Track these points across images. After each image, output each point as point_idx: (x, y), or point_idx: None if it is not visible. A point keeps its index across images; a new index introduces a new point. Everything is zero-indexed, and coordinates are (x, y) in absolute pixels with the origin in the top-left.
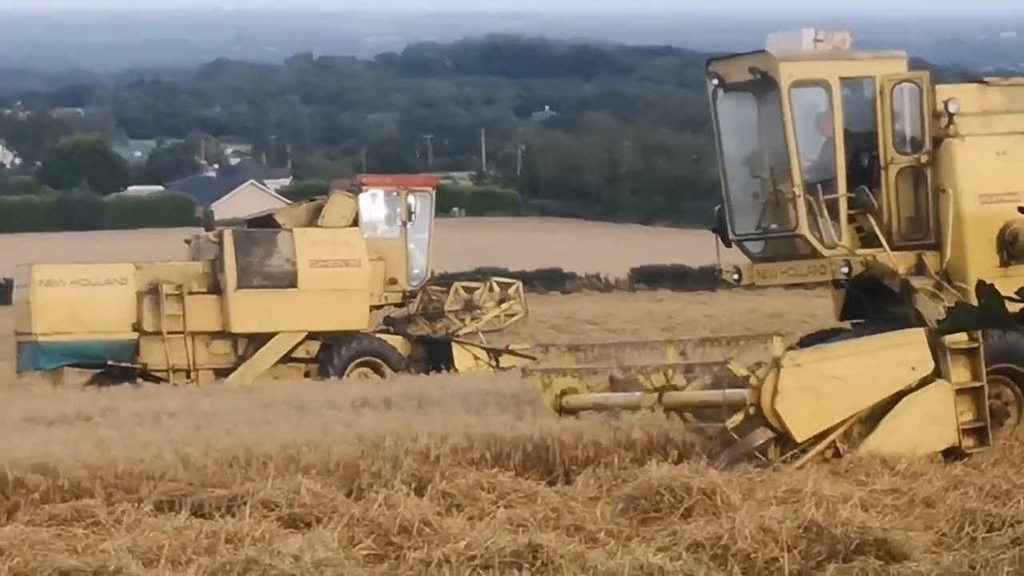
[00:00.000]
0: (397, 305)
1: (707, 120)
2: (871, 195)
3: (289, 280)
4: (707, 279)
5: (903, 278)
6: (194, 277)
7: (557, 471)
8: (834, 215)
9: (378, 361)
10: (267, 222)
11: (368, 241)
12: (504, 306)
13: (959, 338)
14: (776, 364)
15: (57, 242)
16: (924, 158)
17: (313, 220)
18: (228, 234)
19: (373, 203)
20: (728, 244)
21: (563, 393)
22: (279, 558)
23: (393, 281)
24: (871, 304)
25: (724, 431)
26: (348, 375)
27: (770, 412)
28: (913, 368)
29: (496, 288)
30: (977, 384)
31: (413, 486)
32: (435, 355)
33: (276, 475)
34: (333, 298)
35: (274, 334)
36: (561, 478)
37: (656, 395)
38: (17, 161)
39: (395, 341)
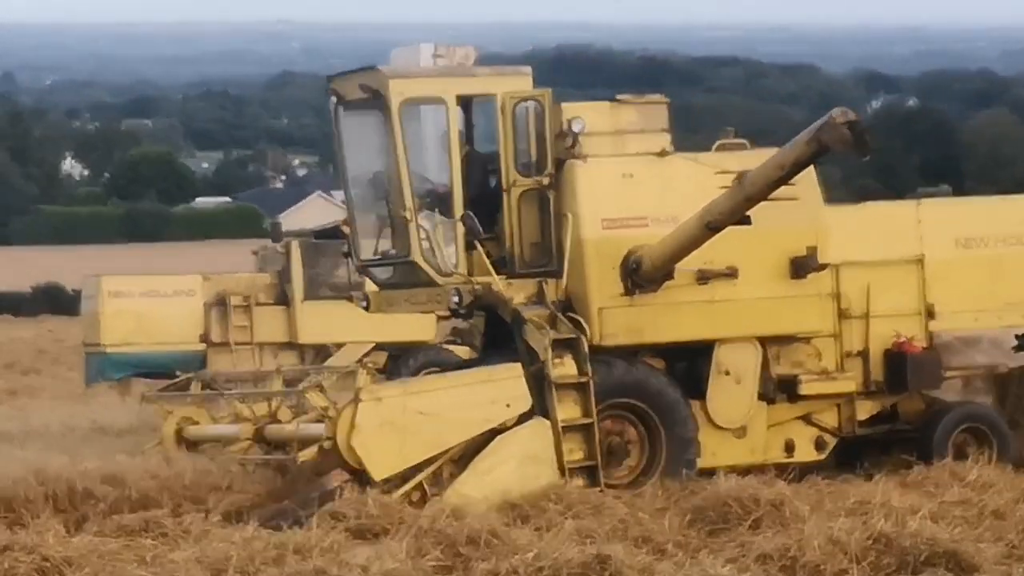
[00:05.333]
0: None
1: (772, 129)
2: (475, 220)
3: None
4: None
5: (513, 308)
6: (261, 288)
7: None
8: (451, 240)
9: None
10: (334, 233)
11: None
12: None
13: (568, 372)
14: (355, 397)
15: (125, 254)
16: (546, 180)
17: None
18: (295, 245)
19: None
20: (359, 271)
21: (182, 423)
22: (347, 569)
23: None
24: (491, 334)
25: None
26: None
27: (346, 448)
28: (508, 405)
29: None
30: (587, 421)
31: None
32: None
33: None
34: None
35: (341, 345)
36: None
37: (254, 429)
38: (86, 173)
39: (462, 352)
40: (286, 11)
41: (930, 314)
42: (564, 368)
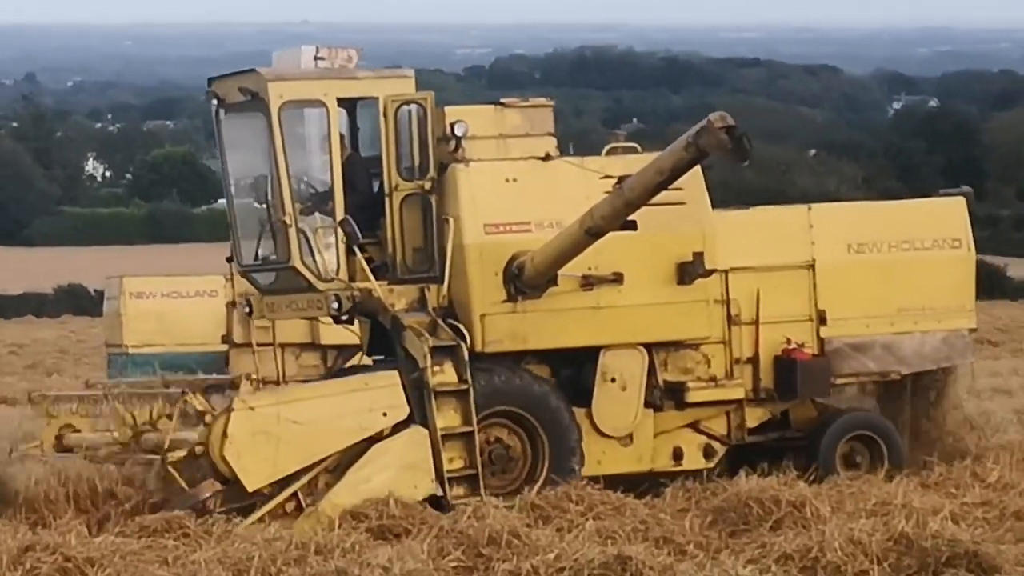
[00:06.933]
0: None
1: (795, 131)
2: (354, 225)
3: None
4: None
5: (393, 314)
6: None
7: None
8: (332, 246)
9: None
10: None
11: None
12: None
13: (448, 379)
14: (227, 407)
15: (147, 254)
16: (428, 184)
17: None
18: None
19: None
20: (241, 276)
21: (63, 429)
22: (369, 569)
23: None
24: (382, 340)
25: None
26: None
27: (218, 458)
28: (385, 413)
29: None
30: (467, 429)
31: (501, 497)
32: None
33: None
34: None
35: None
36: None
37: (131, 437)
38: (108, 173)
39: None
40: (309, 13)
41: (821, 320)
42: (443, 375)
